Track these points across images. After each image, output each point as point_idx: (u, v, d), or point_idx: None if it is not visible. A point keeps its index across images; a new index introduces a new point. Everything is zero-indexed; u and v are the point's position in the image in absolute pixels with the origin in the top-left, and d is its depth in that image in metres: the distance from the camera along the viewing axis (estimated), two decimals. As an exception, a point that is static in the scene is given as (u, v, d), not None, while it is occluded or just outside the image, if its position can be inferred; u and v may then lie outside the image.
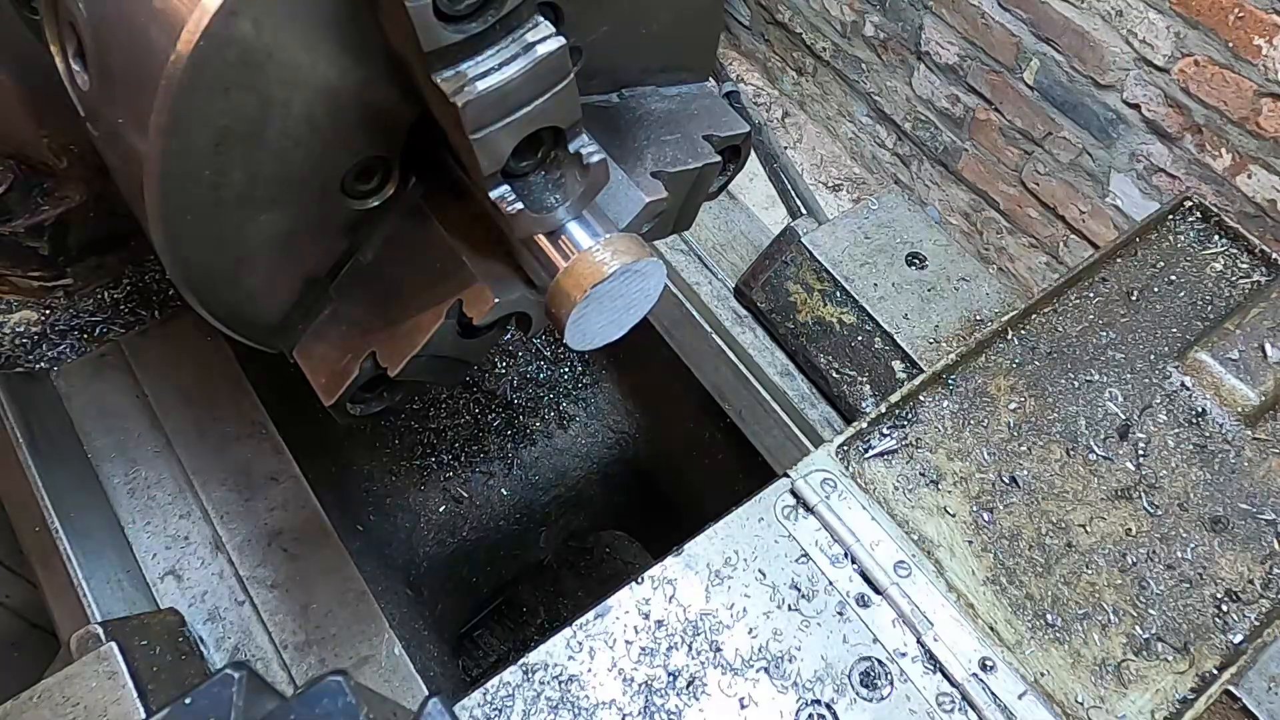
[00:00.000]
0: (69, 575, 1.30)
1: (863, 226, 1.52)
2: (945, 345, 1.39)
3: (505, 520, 2.11)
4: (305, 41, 0.74)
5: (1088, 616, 1.02)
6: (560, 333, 0.88)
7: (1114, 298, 1.27)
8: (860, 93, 3.67)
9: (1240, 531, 1.08)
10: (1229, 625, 1.02)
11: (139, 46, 0.73)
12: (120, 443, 1.47)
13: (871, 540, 1.04)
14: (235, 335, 0.97)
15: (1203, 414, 1.16)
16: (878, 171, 3.80)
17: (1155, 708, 0.97)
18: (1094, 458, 1.13)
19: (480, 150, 0.77)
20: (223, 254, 0.88)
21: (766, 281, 1.55)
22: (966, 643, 0.99)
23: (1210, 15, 2.41)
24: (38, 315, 1.55)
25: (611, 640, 0.98)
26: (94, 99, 0.82)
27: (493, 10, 0.71)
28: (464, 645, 2.41)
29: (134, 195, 0.84)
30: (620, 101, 1.04)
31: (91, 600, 1.27)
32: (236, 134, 0.77)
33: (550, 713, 0.94)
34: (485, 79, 0.74)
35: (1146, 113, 2.69)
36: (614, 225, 0.90)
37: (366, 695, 0.65)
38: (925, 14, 3.17)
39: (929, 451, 1.13)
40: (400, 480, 1.98)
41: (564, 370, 2.17)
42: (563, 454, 2.16)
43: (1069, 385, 1.19)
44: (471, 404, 2.09)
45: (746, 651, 0.98)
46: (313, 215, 0.90)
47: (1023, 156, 3.12)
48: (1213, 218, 1.33)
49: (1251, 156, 2.51)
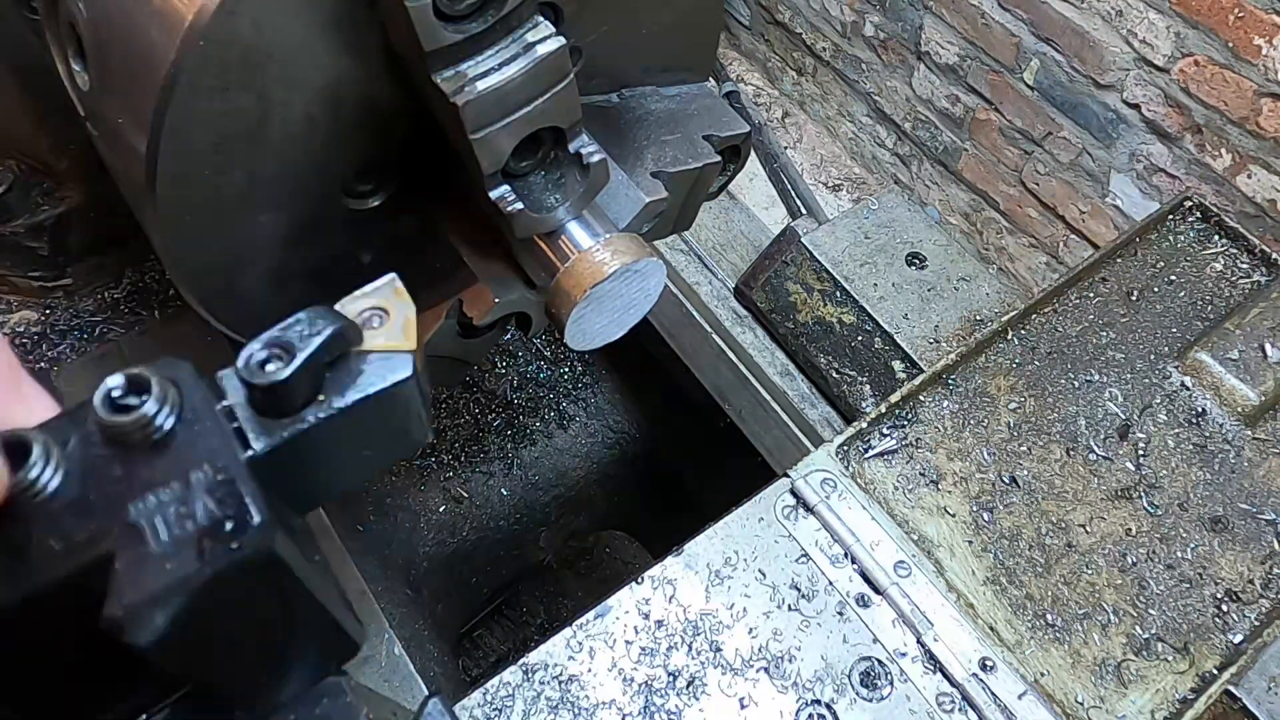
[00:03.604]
0: (69, 575, 1.29)
1: (863, 226, 1.52)
2: (945, 345, 1.39)
3: (505, 520, 2.11)
4: (305, 41, 0.74)
5: (1088, 616, 1.02)
6: (560, 333, 0.88)
7: (1114, 298, 1.27)
8: (860, 93, 3.67)
9: (1240, 531, 1.08)
10: (1229, 625, 1.02)
11: (139, 46, 0.73)
12: (120, 443, 1.46)
13: (871, 540, 1.04)
14: (235, 335, 0.97)
15: (1203, 414, 1.16)
16: (878, 171, 3.80)
17: (1155, 708, 0.97)
18: (1094, 458, 1.13)
19: (480, 150, 0.77)
20: (223, 254, 0.88)
21: (766, 281, 1.55)
22: (966, 643, 0.99)
23: (1210, 15, 2.40)
24: (38, 315, 1.55)
25: (611, 640, 0.98)
26: (94, 99, 0.82)
27: (493, 10, 0.71)
28: (464, 645, 2.41)
29: (134, 195, 0.84)
30: (620, 101, 1.04)
31: (91, 600, 1.26)
32: (236, 134, 0.77)
33: (550, 713, 0.94)
34: (485, 79, 0.74)
35: (1146, 113, 2.69)
36: (614, 225, 0.90)
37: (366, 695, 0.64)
38: (925, 14, 3.17)
39: (929, 451, 1.13)
40: (400, 480, 1.98)
41: (564, 370, 2.17)
42: (563, 454, 2.16)
43: (1069, 385, 1.19)
44: (471, 404, 2.09)
45: (746, 651, 0.98)
46: (313, 215, 0.90)
47: (1023, 156, 3.12)
48: (1213, 218, 1.33)
49: (1251, 156, 2.51)
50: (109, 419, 0.45)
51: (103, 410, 0.46)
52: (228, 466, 0.45)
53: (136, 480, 0.45)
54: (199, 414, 0.47)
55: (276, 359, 0.48)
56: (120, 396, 0.46)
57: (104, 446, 0.46)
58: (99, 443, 0.46)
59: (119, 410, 0.46)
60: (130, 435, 0.46)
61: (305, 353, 0.48)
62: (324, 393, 0.50)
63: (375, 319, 0.54)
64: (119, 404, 0.46)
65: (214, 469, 0.45)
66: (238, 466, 0.46)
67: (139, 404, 0.46)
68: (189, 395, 0.47)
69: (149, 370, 0.46)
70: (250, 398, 0.49)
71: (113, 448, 0.46)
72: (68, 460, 0.45)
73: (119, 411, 0.45)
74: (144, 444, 0.46)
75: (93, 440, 0.46)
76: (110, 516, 0.44)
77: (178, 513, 0.44)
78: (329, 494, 0.57)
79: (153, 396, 0.46)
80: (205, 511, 0.44)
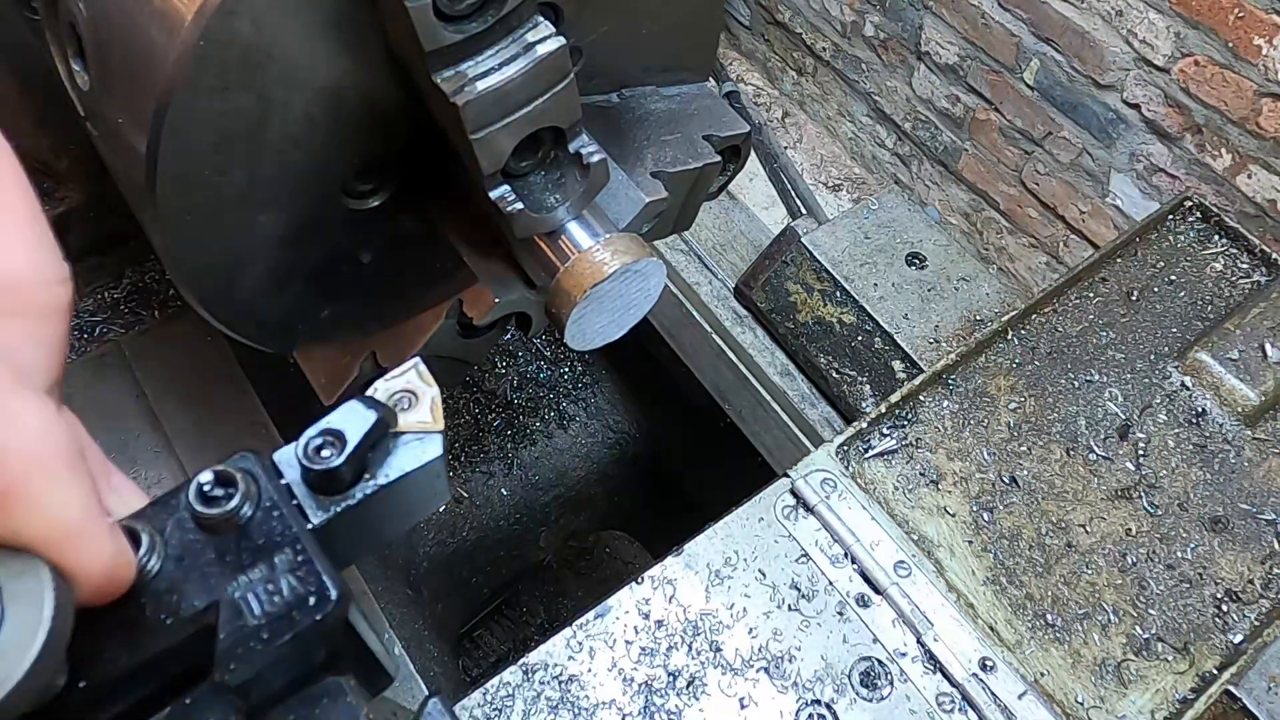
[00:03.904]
0: (69, 575, 1.29)
1: (863, 226, 1.52)
2: (945, 345, 1.39)
3: (505, 520, 2.11)
4: (305, 41, 0.74)
5: (1088, 616, 1.02)
6: (560, 333, 0.88)
7: (1114, 298, 1.27)
8: (860, 93, 3.67)
9: (1240, 531, 1.08)
10: (1229, 625, 1.02)
11: (139, 46, 0.73)
12: (120, 443, 1.46)
13: (871, 540, 1.04)
14: (235, 335, 0.97)
15: (1203, 414, 1.16)
16: (878, 171, 3.80)
17: (1155, 708, 0.97)
18: (1094, 458, 1.13)
19: (480, 150, 0.77)
20: (223, 254, 0.88)
21: (766, 281, 1.55)
22: (966, 643, 0.99)
23: (1210, 15, 2.41)
24: (38, 315, 1.54)
25: (611, 640, 0.98)
26: (94, 99, 0.82)
27: (493, 10, 0.71)
28: (464, 645, 2.41)
29: (134, 195, 0.84)
30: (620, 101, 1.04)
31: (91, 600, 1.26)
32: (236, 134, 0.77)
33: (550, 713, 0.94)
34: (485, 79, 0.74)
35: (1146, 113, 2.69)
36: (614, 225, 0.90)
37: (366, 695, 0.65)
38: (925, 14, 3.17)
39: (929, 451, 1.13)
40: (400, 480, 1.98)
41: (564, 370, 2.17)
42: (563, 454, 2.16)
43: (1069, 385, 1.19)
44: (471, 404, 2.09)
45: (746, 651, 0.98)
46: (313, 215, 0.90)
47: (1023, 156, 3.12)
48: (1213, 218, 1.33)
49: (1251, 156, 2.51)
50: (202, 511, 0.55)
51: (196, 503, 0.56)
52: (305, 549, 0.56)
53: (228, 561, 0.55)
54: (273, 501, 0.57)
55: (330, 446, 0.59)
56: (210, 490, 0.56)
57: (197, 532, 0.56)
58: (192, 529, 0.56)
59: (209, 502, 0.56)
60: (219, 524, 0.55)
61: (355, 442, 0.59)
62: (368, 470, 0.61)
63: (406, 400, 0.64)
64: (209, 496, 0.56)
65: (294, 551, 0.56)
66: (314, 548, 0.56)
67: (226, 496, 0.56)
68: (263, 485, 0.58)
69: (231, 466, 0.57)
70: (305, 476, 0.60)
71: (204, 533, 0.56)
72: (167, 544, 0.55)
73: (209, 504, 0.55)
74: (230, 528, 0.56)
75: (186, 526, 0.56)
76: (209, 593, 0.54)
77: (267, 590, 0.55)
78: (366, 552, 0.68)
79: (239, 492, 0.56)
80: (290, 588, 0.55)
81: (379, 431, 0.60)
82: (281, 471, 0.60)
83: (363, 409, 0.60)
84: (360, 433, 0.59)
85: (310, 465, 0.59)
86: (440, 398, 0.64)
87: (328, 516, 0.59)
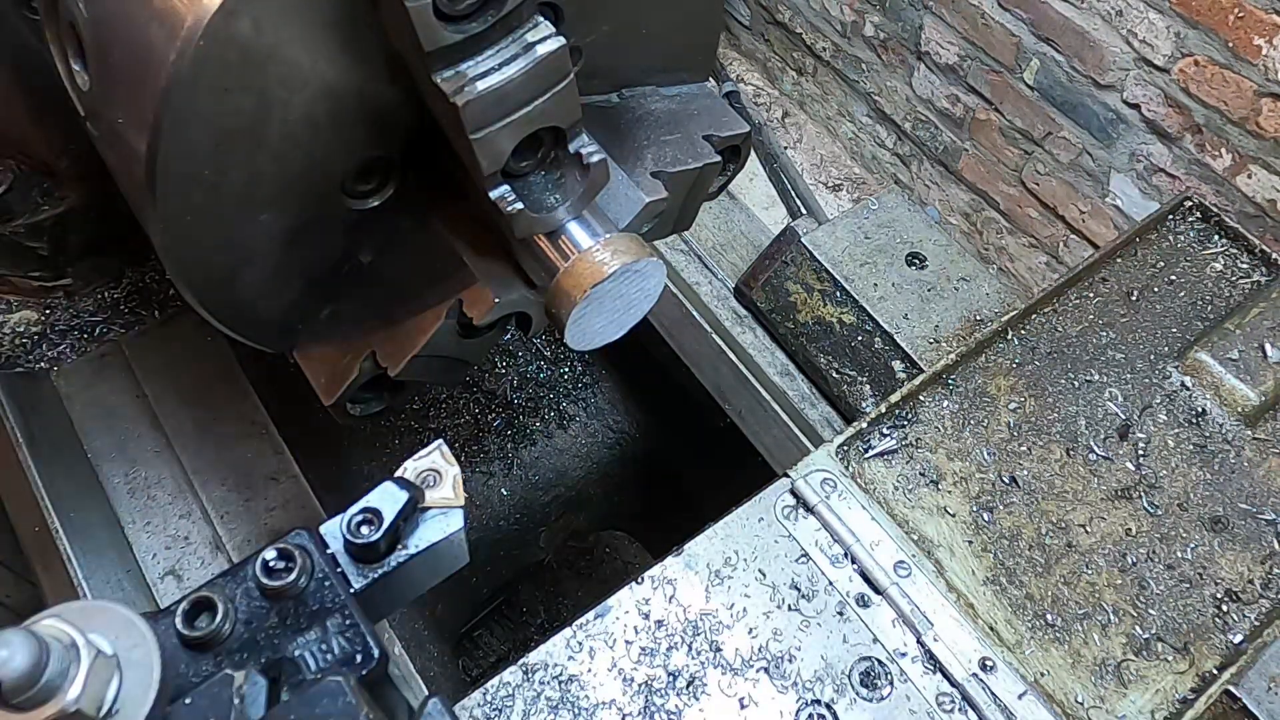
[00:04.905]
0: (69, 575, 1.30)
1: (863, 226, 1.52)
2: (945, 345, 1.39)
3: (505, 520, 2.11)
4: (305, 41, 0.74)
5: (1088, 616, 1.02)
6: (560, 333, 0.88)
7: (1114, 298, 1.27)
8: (860, 93, 3.67)
9: (1240, 531, 1.08)
10: (1229, 625, 1.02)
11: (139, 46, 0.73)
12: (120, 443, 1.47)
13: (871, 540, 1.04)
14: (235, 335, 0.97)
15: (1203, 414, 1.16)
16: (878, 171, 3.80)
17: (1155, 708, 0.97)
18: (1094, 458, 1.13)
19: (480, 150, 0.77)
20: (223, 254, 0.88)
21: (766, 281, 1.55)
22: (966, 643, 0.99)
23: (1210, 15, 2.40)
24: (38, 315, 1.55)
25: (611, 640, 0.98)
26: (94, 99, 0.82)
27: (493, 10, 0.71)
28: (464, 645, 2.41)
29: (134, 195, 0.84)
30: (620, 101, 1.04)
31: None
32: (236, 134, 0.77)
33: (550, 713, 0.94)
34: (485, 79, 0.74)
35: (1146, 113, 2.69)
36: (614, 225, 0.90)
37: (366, 695, 0.65)
38: (925, 14, 3.17)
39: (929, 451, 1.13)
40: (400, 480, 1.97)
41: (564, 370, 2.17)
42: (563, 454, 2.16)
43: (1069, 385, 1.19)
44: (471, 404, 2.09)
45: (746, 651, 0.98)
46: (313, 215, 0.90)
47: (1023, 156, 3.12)
48: (1213, 218, 1.33)
49: (1251, 156, 2.51)
50: (267, 583, 0.68)
51: (263, 576, 0.69)
52: (352, 614, 0.68)
53: (288, 624, 0.68)
54: (325, 573, 0.71)
55: (368, 523, 0.72)
56: (274, 564, 0.69)
57: (261, 599, 0.69)
58: (258, 596, 0.69)
59: (272, 574, 0.68)
60: (281, 593, 0.68)
61: (390, 519, 0.72)
62: (400, 541, 0.74)
63: (431, 478, 0.76)
64: (272, 569, 0.69)
65: (343, 616, 0.68)
66: (359, 613, 0.68)
67: (286, 569, 0.68)
68: (315, 559, 0.70)
69: (289, 543, 0.70)
70: (348, 548, 0.73)
71: (268, 600, 0.69)
72: (237, 610, 0.68)
73: (273, 576, 0.68)
74: (289, 597, 0.68)
75: (253, 594, 0.69)
76: (274, 652, 0.67)
77: (320, 649, 0.67)
78: (393, 609, 0.81)
79: (298, 567, 0.68)
80: (340, 648, 0.67)
81: (410, 509, 0.73)
82: (327, 542, 0.73)
83: (396, 490, 0.72)
84: (394, 511, 0.71)
85: (352, 539, 0.71)
86: (461, 476, 0.77)
87: (367, 583, 0.72)
